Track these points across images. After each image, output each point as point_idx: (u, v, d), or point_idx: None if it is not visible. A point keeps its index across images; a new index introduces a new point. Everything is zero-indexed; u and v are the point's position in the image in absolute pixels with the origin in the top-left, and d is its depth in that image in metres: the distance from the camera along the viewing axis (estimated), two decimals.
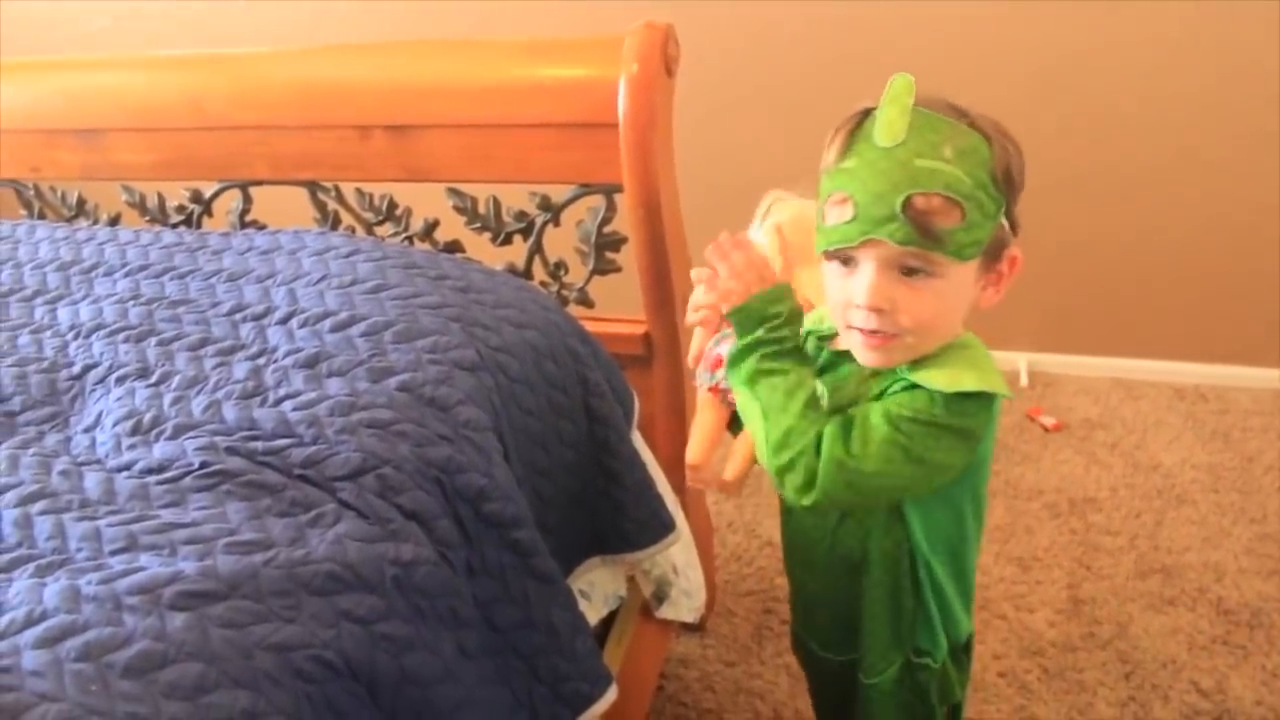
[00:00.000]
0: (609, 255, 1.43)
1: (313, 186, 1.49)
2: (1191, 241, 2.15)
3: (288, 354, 1.05)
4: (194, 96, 1.46)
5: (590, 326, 1.41)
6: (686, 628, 1.75)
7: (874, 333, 0.87)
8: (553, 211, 1.42)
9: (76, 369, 1.09)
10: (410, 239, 1.50)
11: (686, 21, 2.15)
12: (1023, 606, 1.77)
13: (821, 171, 0.89)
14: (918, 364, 0.89)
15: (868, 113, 0.87)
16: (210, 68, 1.47)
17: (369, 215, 1.51)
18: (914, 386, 0.88)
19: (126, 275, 1.24)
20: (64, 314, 1.18)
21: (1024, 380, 2.30)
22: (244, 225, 1.55)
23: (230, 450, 0.94)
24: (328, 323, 1.08)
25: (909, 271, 0.85)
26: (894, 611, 1.00)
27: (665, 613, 1.44)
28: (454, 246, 1.50)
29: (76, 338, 1.13)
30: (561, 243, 1.46)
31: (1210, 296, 2.19)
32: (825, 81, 2.12)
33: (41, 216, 1.68)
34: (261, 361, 1.05)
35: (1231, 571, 1.80)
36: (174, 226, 1.59)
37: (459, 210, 1.46)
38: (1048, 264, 2.24)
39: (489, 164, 1.38)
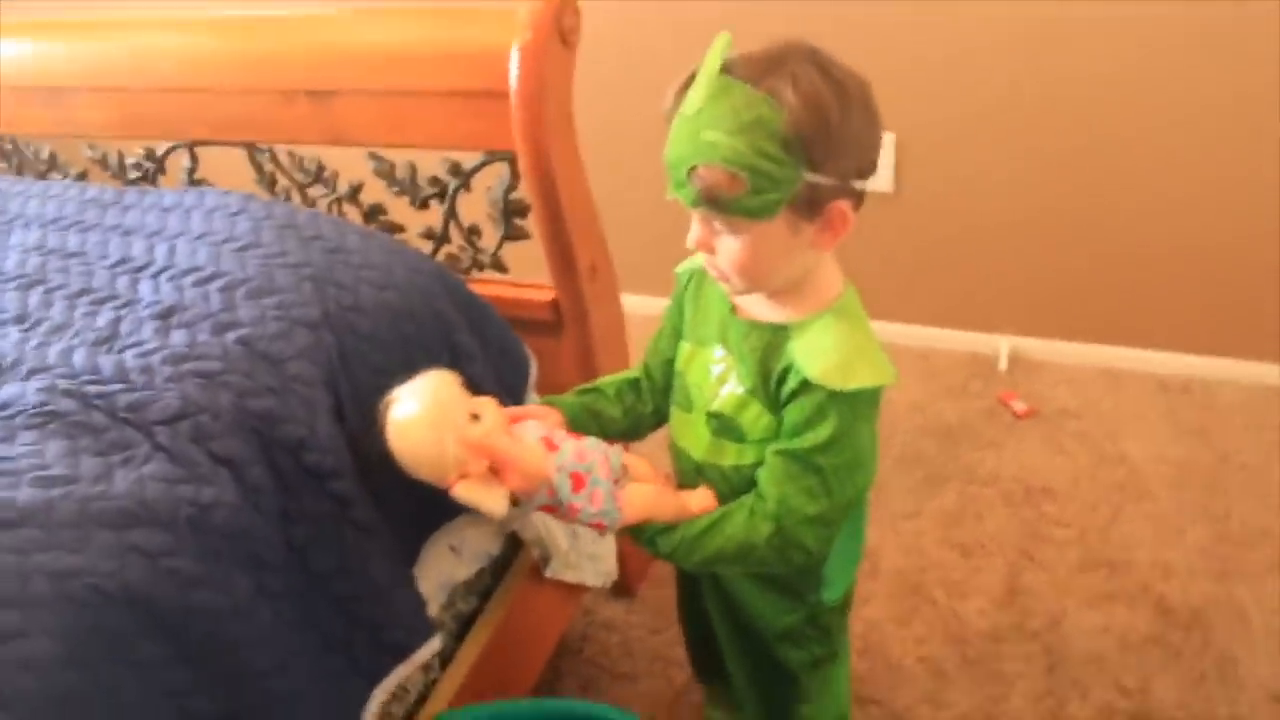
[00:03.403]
0: (518, 222, 1.46)
1: (249, 147, 1.56)
2: (1185, 226, 2.08)
3: (148, 305, 1.11)
4: (140, 59, 1.53)
5: (500, 291, 1.45)
6: (615, 593, 1.78)
7: (712, 269, 0.98)
8: (462, 178, 1.46)
9: None
10: (338, 201, 1.55)
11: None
12: (955, 593, 1.75)
13: None
14: (805, 337, 0.97)
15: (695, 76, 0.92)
16: (149, 30, 1.54)
17: (300, 177, 1.56)
18: (805, 384, 0.95)
19: (40, 227, 1.31)
20: None
21: (1002, 364, 2.26)
22: (192, 183, 1.63)
23: (67, 393, 1.00)
24: (190, 278, 1.14)
25: (720, 231, 0.94)
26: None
27: (562, 574, 1.47)
28: (377, 210, 1.55)
29: None
30: (478, 208, 1.49)
31: (1203, 285, 2.12)
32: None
33: (19, 171, 1.79)
34: (124, 312, 1.11)
35: (1180, 571, 1.75)
36: (131, 183, 1.67)
37: (379, 174, 1.50)
38: (1035, 247, 2.20)
39: (401, 129, 1.41)
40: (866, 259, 2.28)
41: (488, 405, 1.00)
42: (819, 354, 0.95)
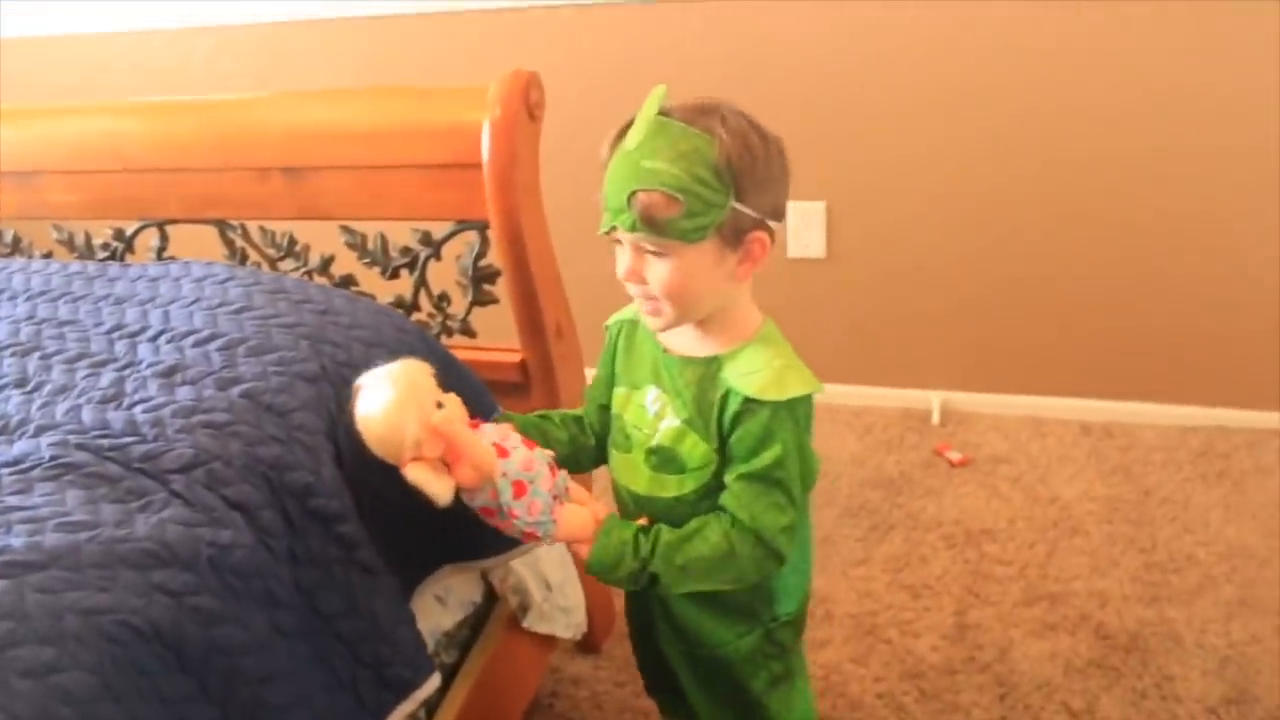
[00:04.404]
0: (486, 287, 1.54)
1: (221, 225, 1.62)
2: (1098, 282, 2.25)
3: (149, 366, 1.16)
4: (114, 142, 1.59)
5: (470, 355, 1.52)
6: (582, 649, 1.83)
7: (644, 299, 1.06)
8: (433, 247, 1.54)
9: None
10: (309, 274, 1.62)
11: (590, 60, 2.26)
12: (908, 632, 1.83)
13: None
14: (736, 363, 1.06)
15: (631, 123, 1.03)
16: (128, 115, 1.60)
17: (271, 251, 1.63)
18: (748, 401, 1.04)
19: (28, 299, 1.36)
20: None
21: (936, 418, 2.38)
22: (158, 262, 1.67)
23: (80, 446, 1.05)
24: (190, 339, 1.19)
25: (652, 252, 1.02)
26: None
27: (536, 625, 1.52)
28: (349, 280, 1.61)
29: None
30: (445, 276, 1.57)
31: (1120, 334, 2.29)
32: None
33: None
34: (126, 372, 1.16)
35: (1115, 599, 1.86)
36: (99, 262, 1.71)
37: (351, 246, 1.58)
38: (961, 306, 2.34)
39: (375, 203, 1.50)
40: (801, 322, 2.41)
41: (453, 398, 1.06)
42: (752, 374, 1.05)
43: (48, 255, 1.79)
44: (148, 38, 2.62)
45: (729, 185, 0.99)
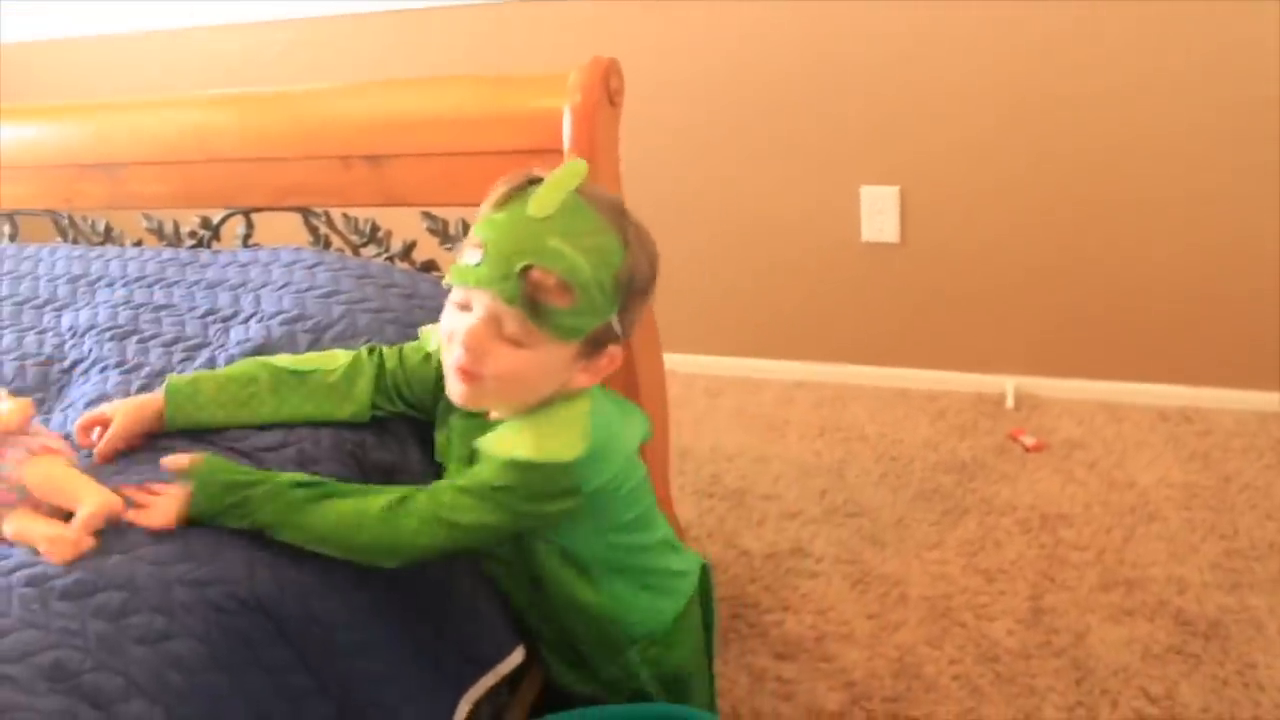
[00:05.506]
0: None
1: (305, 212, 1.66)
2: (1178, 266, 2.21)
3: (239, 344, 1.20)
4: (199, 133, 1.64)
5: None
6: None
7: (464, 370, 0.97)
8: None
9: (67, 363, 1.26)
10: (391, 259, 1.65)
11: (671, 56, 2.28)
12: (984, 615, 1.83)
13: (477, 215, 1.00)
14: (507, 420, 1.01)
15: (535, 181, 0.97)
16: (212, 107, 1.65)
17: (354, 238, 1.66)
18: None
19: (124, 285, 1.41)
20: (66, 319, 1.35)
21: (1010, 402, 2.36)
22: (246, 248, 1.72)
23: None
24: (278, 319, 1.23)
25: (509, 337, 0.95)
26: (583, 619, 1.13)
27: None
28: (430, 266, 1.64)
29: (73, 337, 1.30)
30: None
31: (1198, 319, 2.24)
32: (765, 114, 2.25)
33: (75, 243, 1.88)
34: (219, 354, 1.20)
35: (1195, 585, 1.84)
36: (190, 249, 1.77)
37: (432, 232, 1.60)
38: (1035, 290, 2.32)
39: (455, 189, 1.52)
40: (874, 306, 2.43)
41: None
42: (509, 431, 0.99)
43: (138, 243, 1.85)
44: (223, 32, 2.69)
45: (619, 299, 0.96)
